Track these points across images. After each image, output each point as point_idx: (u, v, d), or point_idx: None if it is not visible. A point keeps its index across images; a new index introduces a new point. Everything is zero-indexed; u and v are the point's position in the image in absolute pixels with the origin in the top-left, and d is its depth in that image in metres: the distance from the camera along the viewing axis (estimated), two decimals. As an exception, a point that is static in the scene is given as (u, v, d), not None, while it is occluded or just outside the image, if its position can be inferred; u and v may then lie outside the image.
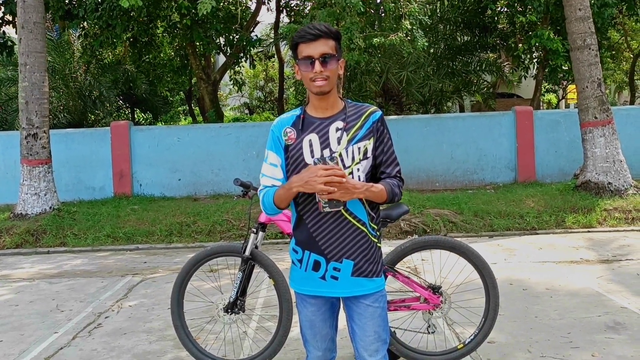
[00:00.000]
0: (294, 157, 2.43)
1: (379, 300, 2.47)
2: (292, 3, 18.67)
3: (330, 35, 2.36)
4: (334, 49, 2.37)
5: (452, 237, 6.41)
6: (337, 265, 2.40)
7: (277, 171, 2.48)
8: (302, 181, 2.27)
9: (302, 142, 2.42)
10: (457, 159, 12.09)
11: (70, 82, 16.74)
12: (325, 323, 2.52)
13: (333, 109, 2.44)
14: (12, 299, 6.14)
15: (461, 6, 15.53)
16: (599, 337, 4.34)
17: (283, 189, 2.38)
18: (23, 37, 9.68)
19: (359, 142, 2.41)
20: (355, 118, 2.44)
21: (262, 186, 2.51)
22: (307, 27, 2.37)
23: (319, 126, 2.42)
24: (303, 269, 2.47)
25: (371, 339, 2.45)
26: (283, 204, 2.42)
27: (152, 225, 9.35)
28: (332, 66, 2.35)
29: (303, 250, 2.45)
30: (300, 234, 2.46)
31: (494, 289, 3.78)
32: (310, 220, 2.41)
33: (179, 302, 3.95)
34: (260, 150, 12.22)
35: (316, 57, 2.33)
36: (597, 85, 9.62)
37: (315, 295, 2.47)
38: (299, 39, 2.37)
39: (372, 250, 2.46)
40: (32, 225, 9.33)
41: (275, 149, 2.49)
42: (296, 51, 2.40)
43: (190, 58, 16.32)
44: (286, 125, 2.48)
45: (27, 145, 9.80)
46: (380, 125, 2.47)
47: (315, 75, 2.34)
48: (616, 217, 8.77)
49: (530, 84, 19.91)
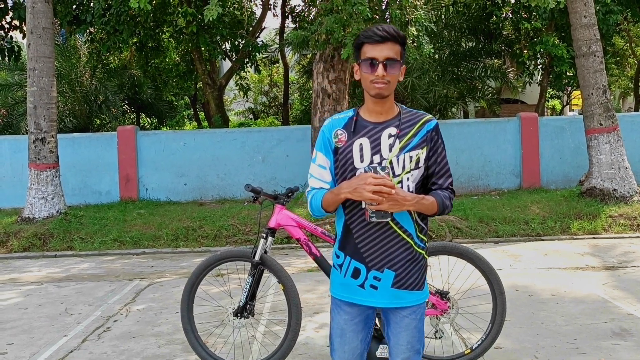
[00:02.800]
0: (343, 160, 2.36)
1: (417, 312, 2.40)
2: (298, 9, 18.77)
3: (398, 40, 2.28)
4: (399, 54, 2.29)
5: (457, 243, 6.43)
6: (378, 274, 2.33)
7: (325, 173, 2.42)
8: (351, 188, 2.20)
9: (353, 145, 2.34)
10: (461, 164, 12.12)
11: (77, 86, 16.86)
12: (357, 335, 2.43)
13: (388, 114, 2.37)
14: (22, 302, 6.19)
15: (466, 12, 15.59)
16: (605, 343, 4.36)
17: (331, 194, 2.32)
18: (32, 42, 9.77)
19: (411, 151, 2.33)
20: (410, 125, 2.36)
21: (310, 187, 2.46)
22: (376, 27, 2.28)
23: (372, 130, 2.34)
24: (342, 275, 2.40)
25: (403, 349, 2.39)
26: (331, 207, 2.36)
27: (158, 229, 9.40)
28: (394, 71, 2.28)
29: (345, 256, 2.39)
30: (344, 240, 2.39)
31: (500, 295, 3.81)
32: (356, 226, 2.34)
33: (189, 306, 3.99)
34: (266, 155, 12.29)
35: (381, 60, 2.25)
36: (603, 92, 9.65)
37: (351, 303, 2.40)
38: (365, 39, 2.29)
39: (416, 263, 2.38)
40: (40, 229, 9.39)
41: (324, 150, 2.42)
42: (359, 50, 2.32)
43: (195, 63, 16.41)
44: (338, 126, 2.40)
45: (35, 150, 9.87)
46: (434, 134, 2.39)
47: (376, 78, 2.26)
48: (621, 224, 8.78)
49: (535, 90, 19.93)
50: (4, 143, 12.62)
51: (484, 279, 3.85)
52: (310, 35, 9.56)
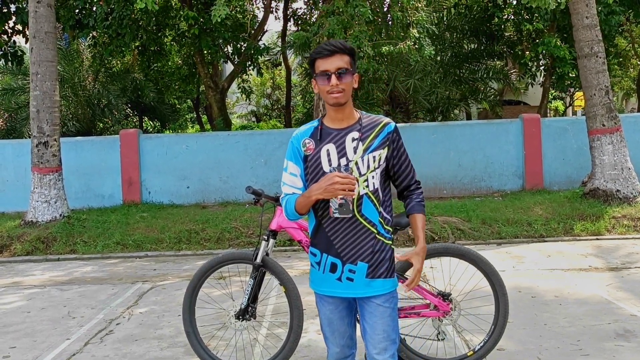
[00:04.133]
0: (313, 166, 2.58)
1: (390, 300, 2.59)
2: (300, 11, 18.80)
3: (345, 51, 2.52)
4: (349, 63, 2.52)
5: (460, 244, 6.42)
6: (353, 267, 2.54)
7: (296, 180, 2.64)
8: (321, 189, 2.42)
9: (320, 151, 2.57)
10: (464, 166, 12.10)
11: (79, 90, 16.89)
12: (343, 321, 2.66)
13: (349, 120, 2.59)
14: (24, 305, 6.20)
15: (468, 14, 15.60)
16: (609, 344, 4.34)
17: (303, 197, 2.53)
18: (35, 46, 9.81)
19: (374, 151, 2.55)
20: (370, 128, 2.58)
21: (284, 194, 2.67)
22: (324, 44, 2.54)
23: (336, 136, 2.57)
24: (321, 271, 2.61)
25: (380, 338, 2.56)
26: (303, 210, 2.56)
27: (161, 232, 9.41)
28: (347, 80, 2.51)
29: (321, 254, 2.60)
30: (319, 238, 2.60)
31: (503, 296, 3.80)
32: (328, 225, 2.55)
33: (191, 309, 3.99)
34: (269, 158, 12.29)
35: (332, 71, 2.48)
36: (605, 92, 9.63)
37: (332, 295, 2.61)
38: (316, 55, 2.53)
39: (385, 253, 2.60)
40: (43, 232, 9.41)
41: (294, 159, 2.64)
42: (314, 66, 2.56)
43: (198, 66, 16.45)
44: (305, 136, 2.63)
45: (38, 154, 9.89)
46: (395, 135, 2.63)
47: (331, 88, 2.49)
48: (625, 225, 8.75)
49: (537, 91, 19.92)
50: (7, 147, 12.66)
51: (486, 280, 3.84)
52: (312, 37, 9.58)
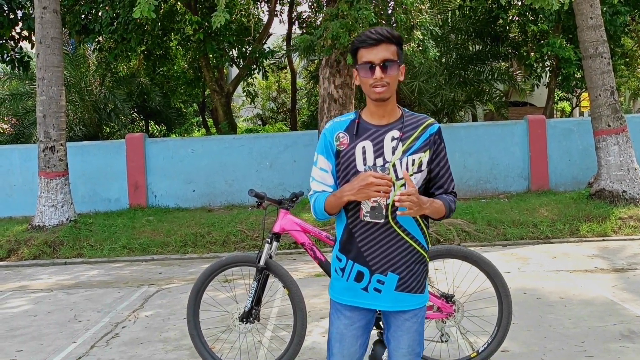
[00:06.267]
0: (346, 163, 2.33)
1: (418, 315, 2.39)
2: (304, 15, 18.85)
3: (393, 40, 2.26)
4: (396, 54, 2.27)
5: (465, 246, 6.42)
6: (382, 277, 2.32)
7: (327, 176, 2.40)
8: (354, 190, 2.18)
9: (355, 148, 2.32)
10: (469, 168, 12.09)
11: (86, 95, 16.99)
12: (356, 340, 2.42)
13: (390, 117, 2.35)
14: (31, 309, 6.24)
15: (472, 16, 15.57)
16: (614, 346, 4.33)
17: (334, 197, 2.30)
18: (41, 52, 9.88)
19: (414, 154, 2.31)
20: (413, 128, 2.34)
21: (313, 191, 2.44)
22: (369, 31, 2.27)
23: (374, 133, 2.32)
24: (345, 279, 2.38)
25: (403, 352, 2.39)
26: (334, 210, 2.34)
27: (167, 236, 9.45)
28: (393, 72, 2.26)
29: (347, 260, 2.37)
30: (347, 243, 2.37)
31: (506, 298, 3.80)
32: (358, 230, 2.32)
33: (195, 312, 4.01)
34: (273, 161, 12.32)
35: (377, 62, 2.23)
36: (610, 93, 9.60)
37: (352, 307, 2.39)
38: (359, 44, 2.28)
39: (420, 266, 2.37)
40: (50, 236, 9.47)
41: (325, 153, 2.40)
42: (356, 56, 2.31)
43: (203, 70, 16.51)
44: (339, 129, 2.38)
45: (45, 158, 9.96)
46: (437, 137, 2.38)
47: (375, 81, 2.25)
48: (631, 226, 8.72)
49: (543, 92, 19.84)
50: (14, 152, 12.76)
51: (489, 281, 3.84)
52: (316, 40, 9.59)
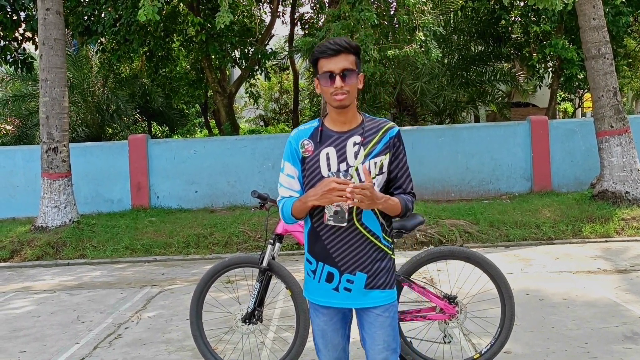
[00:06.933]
0: (311, 169, 2.44)
1: (389, 310, 2.49)
2: (306, 16, 18.88)
3: (351, 50, 2.37)
4: (354, 63, 2.38)
5: (468, 247, 6.41)
6: (351, 277, 2.43)
7: (294, 182, 2.51)
8: (317, 195, 2.29)
9: (320, 154, 2.43)
10: (472, 169, 12.08)
11: (89, 96, 17.02)
12: (337, 333, 2.54)
13: (351, 123, 2.46)
14: (34, 310, 6.26)
15: (475, 17, 15.58)
16: (617, 347, 4.32)
17: (300, 202, 2.41)
18: (44, 53, 9.90)
19: (375, 157, 2.42)
20: (373, 133, 2.45)
21: (280, 196, 2.55)
22: (328, 42, 2.37)
23: (337, 140, 2.43)
24: (316, 280, 2.50)
25: (380, 348, 2.47)
26: (300, 215, 2.45)
27: (169, 237, 9.46)
28: (352, 81, 2.37)
29: (317, 262, 2.48)
30: (315, 246, 2.48)
31: (509, 299, 3.79)
32: (325, 233, 2.43)
33: (198, 313, 4.02)
34: (276, 162, 12.31)
35: (337, 72, 2.34)
36: (613, 94, 9.58)
37: (327, 306, 2.50)
38: (319, 54, 2.38)
39: (385, 262, 2.47)
40: (53, 237, 9.48)
41: (292, 160, 2.50)
42: (316, 66, 2.41)
43: (205, 71, 16.53)
44: (303, 137, 2.49)
45: (48, 159, 9.98)
46: (397, 140, 2.48)
47: (335, 90, 2.35)
48: (634, 227, 8.70)
49: (546, 93, 19.82)
50: (17, 153, 12.78)
51: (492, 283, 3.84)
52: (318, 42, 9.61)
